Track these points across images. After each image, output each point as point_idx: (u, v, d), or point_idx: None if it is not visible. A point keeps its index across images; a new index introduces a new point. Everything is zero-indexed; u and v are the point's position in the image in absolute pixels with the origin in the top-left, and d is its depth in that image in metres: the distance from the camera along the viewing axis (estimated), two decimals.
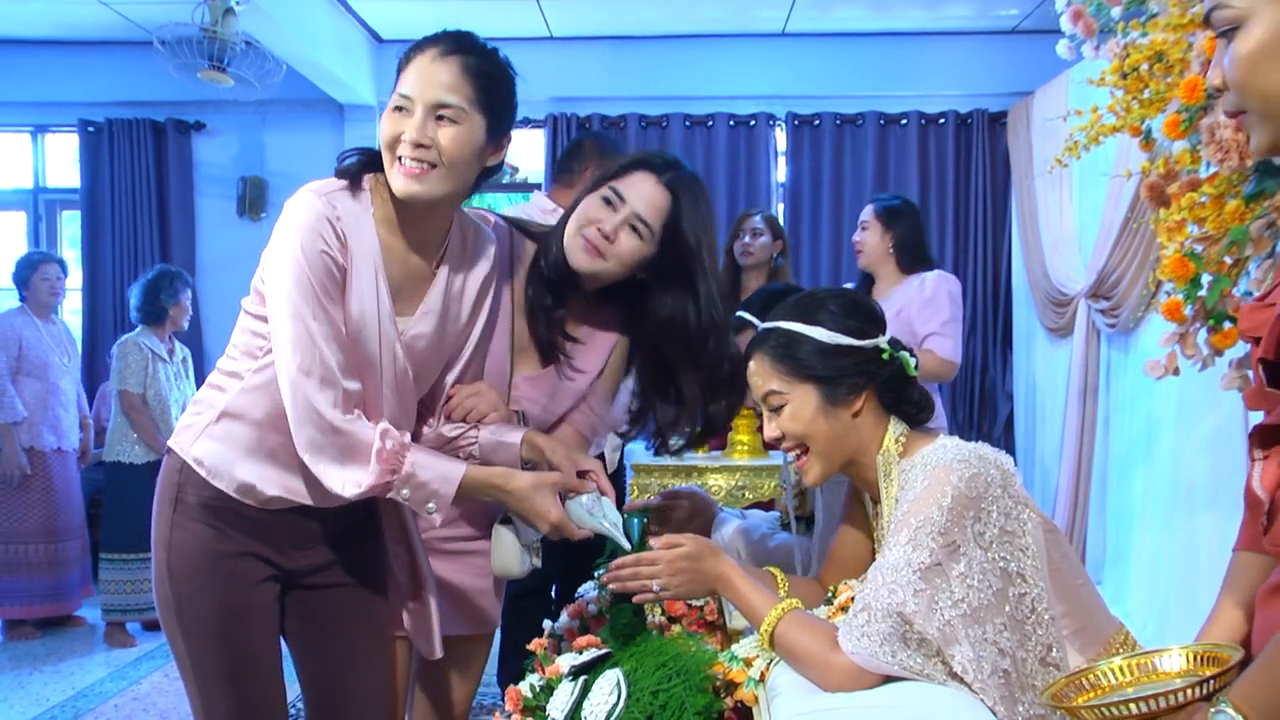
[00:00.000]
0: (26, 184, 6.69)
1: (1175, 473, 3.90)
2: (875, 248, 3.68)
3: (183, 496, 1.72)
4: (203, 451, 1.71)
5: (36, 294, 4.92)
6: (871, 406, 1.70)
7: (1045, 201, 5.34)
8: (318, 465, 1.64)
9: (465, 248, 1.83)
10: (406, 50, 1.70)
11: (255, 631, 1.75)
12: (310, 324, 1.60)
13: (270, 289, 1.64)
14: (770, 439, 1.75)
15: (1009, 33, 6.03)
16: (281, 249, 1.62)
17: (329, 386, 1.61)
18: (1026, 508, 1.57)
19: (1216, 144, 2.08)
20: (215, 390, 1.75)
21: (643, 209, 1.84)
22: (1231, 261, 2.20)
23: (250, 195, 6.38)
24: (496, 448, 1.85)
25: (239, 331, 1.76)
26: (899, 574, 1.46)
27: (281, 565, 1.78)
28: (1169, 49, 2.22)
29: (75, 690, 4.03)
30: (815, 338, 1.68)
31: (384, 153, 1.66)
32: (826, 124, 6.16)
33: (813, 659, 1.51)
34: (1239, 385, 2.41)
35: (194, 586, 1.72)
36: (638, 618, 1.78)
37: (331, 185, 1.68)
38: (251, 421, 1.70)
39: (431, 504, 1.68)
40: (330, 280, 1.62)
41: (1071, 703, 1.18)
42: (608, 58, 6.12)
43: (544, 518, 1.74)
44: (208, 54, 4.86)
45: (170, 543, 1.72)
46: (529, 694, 1.75)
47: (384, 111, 1.68)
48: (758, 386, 1.74)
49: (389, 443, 1.63)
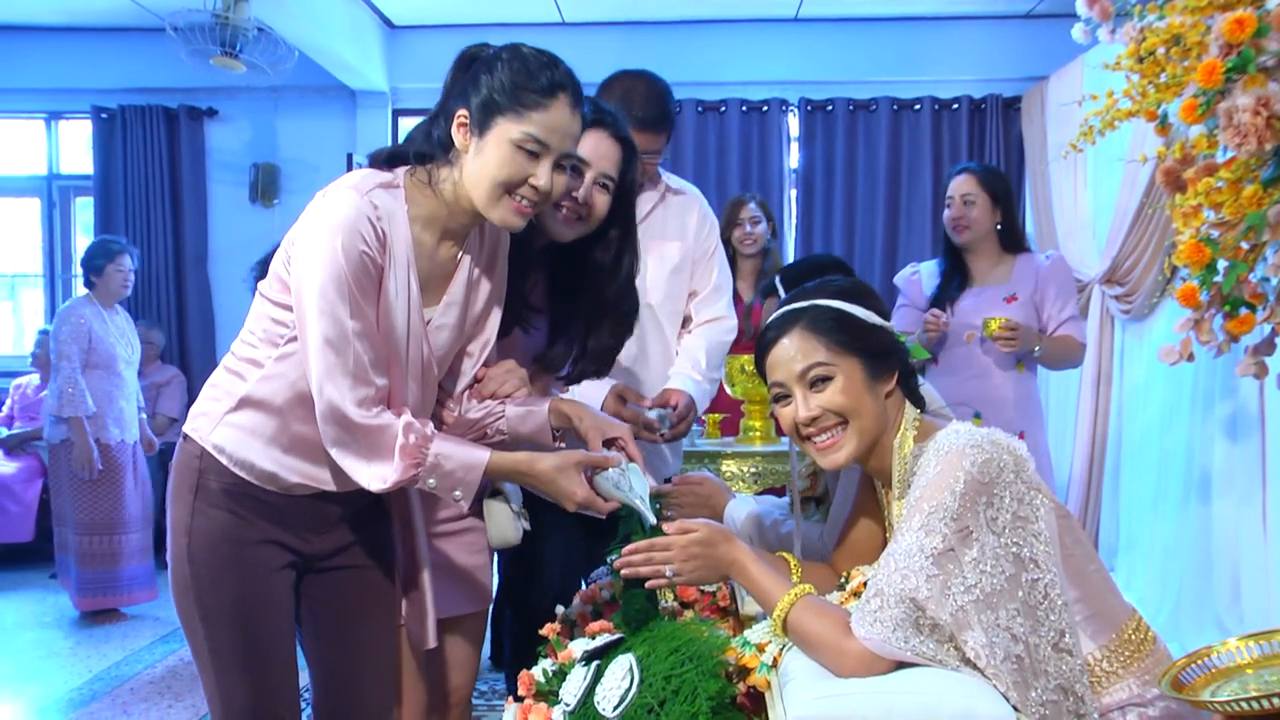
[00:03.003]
0: (40, 170, 6.72)
1: (1189, 459, 3.89)
2: (983, 223, 3.41)
3: (204, 483, 1.72)
4: (223, 439, 1.71)
5: (109, 284, 4.78)
6: (898, 389, 1.72)
7: (1060, 187, 5.31)
8: (344, 461, 1.65)
9: (484, 236, 1.84)
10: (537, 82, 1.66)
11: (273, 618, 1.76)
12: (347, 322, 1.59)
13: (304, 284, 1.61)
14: (806, 418, 1.69)
15: (1023, 17, 5.99)
16: (317, 245, 1.60)
17: (359, 385, 1.62)
18: (1039, 493, 1.56)
19: (1234, 128, 2.06)
20: (233, 376, 1.74)
21: (607, 167, 2.01)
22: (1248, 247, 2.19)
23: (262, 181, 6.40)
24: (525, 417, 1.88)
25: (257, 317, 1.74)
26: (911, 559, 1.46)
27: (299, 550, 1.79)
28: (1186, 32, 2.20)
29: (91, 673, 4.06)
30: (860, 316, 1.70)
31: (494, 185, 1.65)
32: (839, 109, 6.14)
33: (825, 645, 1.51)
34: (1254, 372, 2.39)
35: (214, 573, 1.72)
36: (650, 603, 1.78)
37: (370, 182, 1.66)
38: (273, 409, 1.70)
39: (458, 491, 1.69)
40: (367, 279, 1.62)
41: (1198, 694, 1.15)
42: (620, 43, 6.10)
43: (570, 498, 1.74)
44: (220, 40, 4.86)
45: (191, 529, 1.72)
46: (542, 679, 1.76)
47: (498, 143, 1.65)
48: (796, 361, 1.69)
49: (412, 436, 1.64)
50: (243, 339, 1.76)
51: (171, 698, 3.77)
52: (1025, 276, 3.38)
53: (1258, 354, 2.39)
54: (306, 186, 5.80)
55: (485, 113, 1.65)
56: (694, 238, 2.59)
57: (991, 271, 3.43)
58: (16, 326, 7.04)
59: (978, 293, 3.40)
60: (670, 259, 2.55)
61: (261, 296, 1.74)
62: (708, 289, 2.61)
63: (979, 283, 3.43)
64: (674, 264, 2.55)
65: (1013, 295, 3.35)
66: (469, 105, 1.66)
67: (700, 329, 2.59)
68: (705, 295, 2.61)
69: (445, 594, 1.99)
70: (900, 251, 6.02)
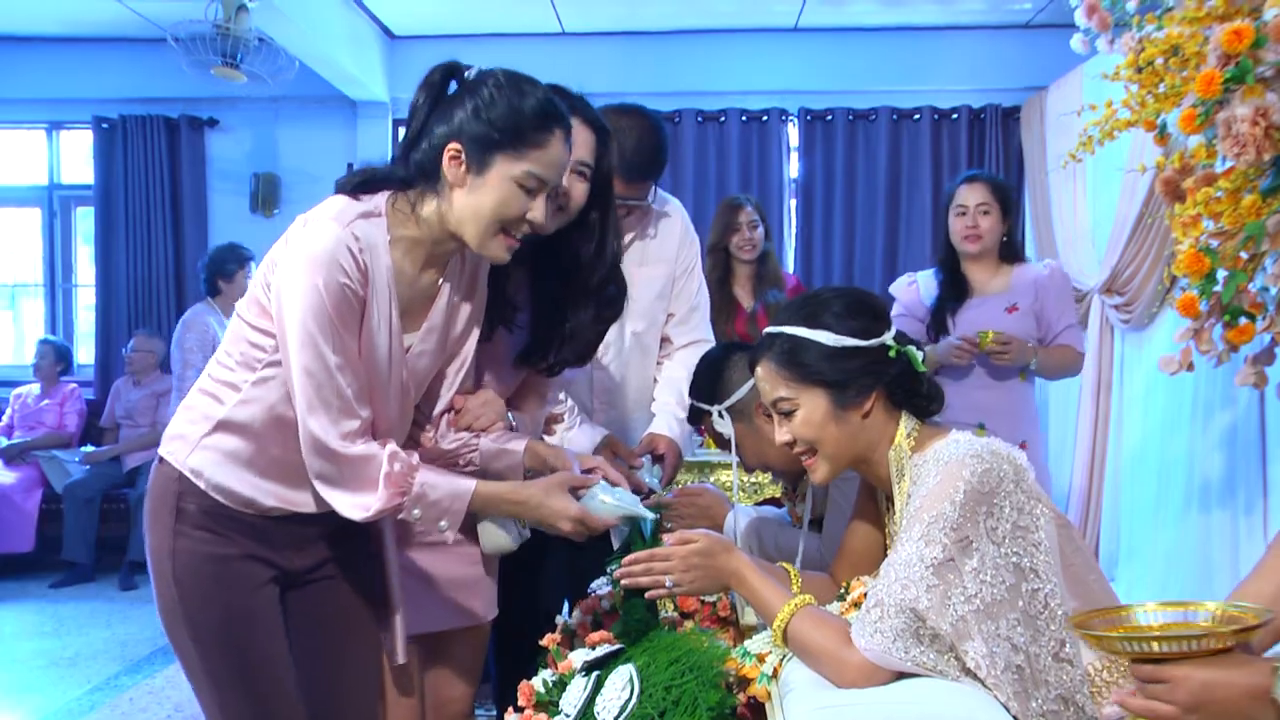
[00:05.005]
0: (41, 180, 6.73)
1: (1189, 469, 3.88)
2: (995, 233, 3.35)
3: (183, 505, 1.70)
4: (199, 463, 1.69)
5: (236, 290, 4.66)
6: (881, 405, 1.69)
7: (1059, 197, 5.32)
8: (329, 493, 1.64)
9: (464, 261, 1.83)
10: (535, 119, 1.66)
11: (264, 633, 1.74)
12: (329, 356, 1.58)
13: (286, 317, 1.60)
14: (781, 443, 1.74)
15: (1022, 27, 6.00)
16: (298, 278, 1.58)
17: (344, 418, 1.61)
18: (1039, 503, 1.56)
19: (1233, 138, 2.07)
20: (210, 399, 1.71)
21: (583, 154, 1.95)
22: (1247, 257, 2.19)
23: (263, 191, 6.41)
24: (498, 454, 1.86)
25: (235, 340, 1.71)
26: (911, 570, 1.46)
27: (281, 566, 1.77)
28: (1185, 43, 2.20)
29: (91, 684, 4.05)
30: (821, 341, 1.66)
31: (491, 223, 1.66)
32: (839, 119, 6.15)
33: (826, 655, 1.51)
34: (1254, 381, 2.39)
35: (202, 593, 1.70)
36: (650, 613, 1.78)
37: (350, 213, 1.64)
38: (250, 434, 1.68)
39: (444, 522, 1.68)
40: (349, 311, 1.61)
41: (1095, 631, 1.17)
42: (620, 53, 6.11)
43: (564, 516, 1.74)
44: (221, 50, 4.87)
45: (174, 551, 1.70)
46: (541, 690, 1.76)
47: (499, 181, 1.64)
48: (766, 392, 1.73)
49: (398, 465, 1.63)
50: (219, 360, 1.74)
51: (171, 708, 3.76)
52: (1024, 286, 3.36)
53: (1257, 363, 2.38)
54: (307, 196, 5.77)
55: (482, 149, 1.63)
56: (675, 257, 2.54)
57: (991, 282, 3.41)
58: (17, 336, 7.04)
59: (979, 303, 3.39)
60: (655, 283, 2.50)
61: (239, 318, 1.72)
62: (685, 309, 2.56)
63: (979, 293, 3.41)
64: (658, 288, 2.51)
65: (1013, 305, 3.34)
66: (460, 137, 1.64)
67: (680, 354, 2.55)
68: (682, 315, 2.56)
69: (435, 607, 1.97)
70: (900, 261, 6.01)
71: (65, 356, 6.30)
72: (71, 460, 5.93)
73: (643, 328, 2.50)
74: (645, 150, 2.34)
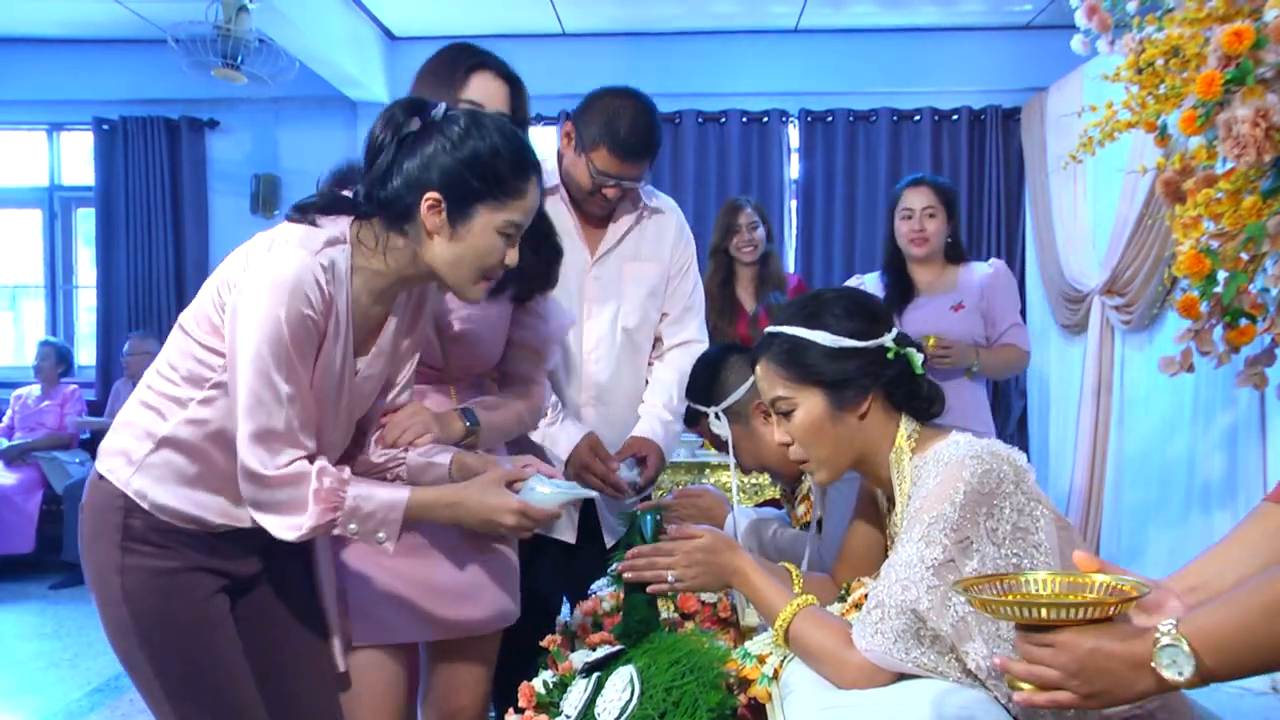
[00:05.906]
0: (42, 182, 6.74)
1: (1190, 470, 3.89)
2: (939, 236, 3.43)
3: (129, 522, 1.66)
4: (142, 485, 1.65)
5: None
6: (880, 406, 1.68)
7: (1059, 198, 5.32)
8: (261, 517, 1.61)
9: (410, 293, 1.81)
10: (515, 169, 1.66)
11: (220, 641, 1.71)
12: (280, 387, 1.54)
13: (239, 342, 1.56)
14: (779, 443, 1.74)
15: (1023, 28, 6.00)
16: (259, 303, 1.54)
17: (287, 447, 1.57)
18: (1039, 504, 1.56)
19: (1233, 139, 2.07)
20: (153, 414, 1.66)
21: (499, 106, 2.00)
22: (1248, 258, 2.19)
23: (264, 192, 6.41)
24: (425, 469, 1.83)
25: (180, 355, 1.66)
26: (912, 571, 1.46)
27: (230, 573, 1.74)
28: (1185, 44, 2.21)
29: (91, 685, 4.05)
30: (820, 342, 1.66)
31: (477, 271, 1.67)
32: (839, 120, 6.15)
33: (827, 656, 1.51)
34: (1254, 382, 2.40)
35: (155, 608, 1.66)
36: (651, 610, 1.78)
37: (317, 241, 1.61)
38: (194, 450, 1.65)
39: (382, 533, 1.64)
40: (308, 342, 1.58)
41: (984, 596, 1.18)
42: (620, 54, 6.11)
43: (504, 510, 1.69)
44: (221, 51, 4.88)
45: (123, 568, 1.65)
46: (542, 691, 1.76)
47: (482, 231, 1.65)
48: (765, 391, 1.73)
49: (327, 480, 1.59)
50: (161, 373, 1.68)
51: None
52: (970, 285, 3.41)
53: (1258, 364, 2.39)
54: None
55: (463, 200, 1.62)
56: (670, 256, 2.53)
57: (936, 282, 3.45)
58: (17, 337, 7.05)
59: (924, 303, 3.42)
60: (647, 280, 2.50)
61: (185, 333, 1.67)
62: (679, 308, 2.56)
63: (925, 293, 3.44)
64: (650, 286, 2.50)
65: (959, 304, 3.37)
66: (435, 184, 1.62)
67: (672, 355, 2.55)
68: (676, 315, 2.56)
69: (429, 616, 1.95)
70: None
71: (66, 358, 6.31)
72: (72, 461, 5.93)
73: (634, 324, 2.49)
74: (640, 130, 2.36)
